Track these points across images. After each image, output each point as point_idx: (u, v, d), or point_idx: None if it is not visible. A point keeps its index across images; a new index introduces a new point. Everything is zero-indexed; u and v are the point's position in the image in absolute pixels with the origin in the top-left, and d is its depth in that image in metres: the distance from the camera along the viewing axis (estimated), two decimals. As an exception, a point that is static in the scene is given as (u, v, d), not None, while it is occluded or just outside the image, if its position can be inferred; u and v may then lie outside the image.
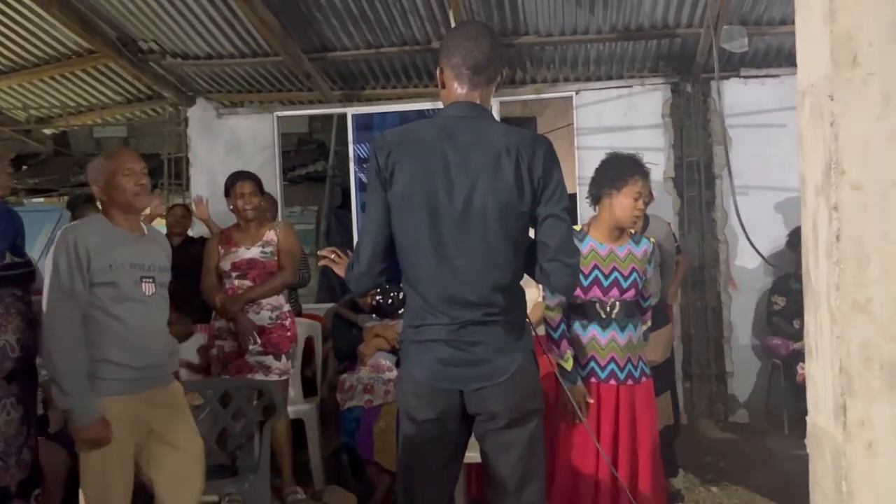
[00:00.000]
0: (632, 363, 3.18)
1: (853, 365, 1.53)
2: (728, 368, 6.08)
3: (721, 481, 4.59)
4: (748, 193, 5.55)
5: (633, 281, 3.17)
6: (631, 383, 3.18)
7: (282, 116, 6.69)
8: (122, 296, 2.80)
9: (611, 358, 3.17)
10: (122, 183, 2.86)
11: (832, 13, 1.53)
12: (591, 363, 3.18)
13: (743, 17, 5.19)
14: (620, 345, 3.16)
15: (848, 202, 1.53)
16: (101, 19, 5.36)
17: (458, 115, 2.30)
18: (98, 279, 2.75)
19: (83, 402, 2.69)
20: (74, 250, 2.71)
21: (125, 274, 2.81)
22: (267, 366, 4.12)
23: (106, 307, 2.77)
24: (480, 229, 2.22)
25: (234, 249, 4.20)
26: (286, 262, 4.22)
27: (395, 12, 5.17)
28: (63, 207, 7.78)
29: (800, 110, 1.73)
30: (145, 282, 2.88)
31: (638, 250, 3.22)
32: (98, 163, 2.94)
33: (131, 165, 2.89)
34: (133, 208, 2.93)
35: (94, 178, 2.90)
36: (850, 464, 1.54)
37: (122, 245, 2.85)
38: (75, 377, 2.69)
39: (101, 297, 2.76)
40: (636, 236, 3.28)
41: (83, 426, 2.69)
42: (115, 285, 2.78)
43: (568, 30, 5.49)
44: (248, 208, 4.20)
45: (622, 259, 3.19)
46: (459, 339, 2.27)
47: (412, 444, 2.38)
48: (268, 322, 4.16)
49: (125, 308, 2.80)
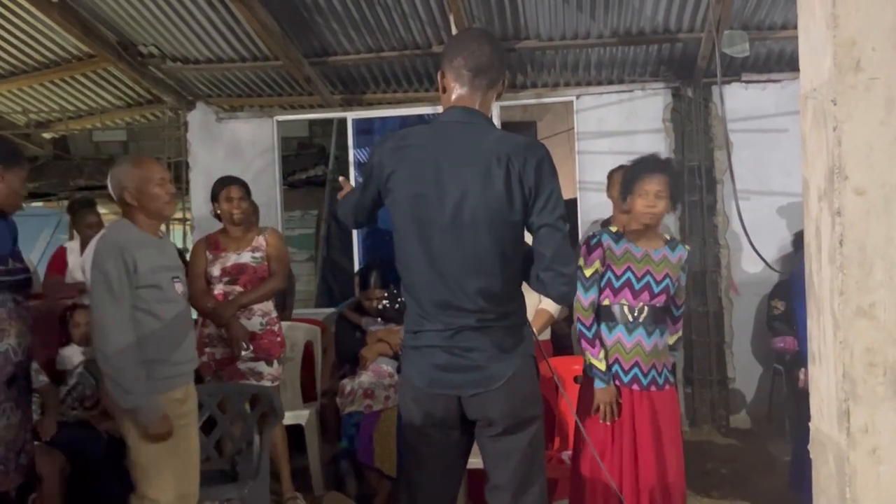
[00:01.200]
0: (656, 369, 3.14)
1: (857, 370, 1.52)
2: (730, 374, 6.06)
3: (723, 487, 4.58)
4: (750, 198, 5.55)
5: (664, 286, 3.14)
6: (654, 389, 3.13)
7: (282, 121, 6.69)
8: (164, 297, 2.90)
9: (634, 362, 3.14)
10: (156, 192, 2.94)
11: (835, 18, 1.52)
12: (615, 366, 3.16)
13: (744, 21, 5.18)
14: (645, 350, 3.13)
15: (851, 207, 1.52)
16: (102, 23, 5.36)
17: (454, 121, 2.29)
18: (143, 282, 2.83)
19: (148, 400, 2.79)
20: (121, 255, 2.79)
21: (163, 276, 2.92)
22: (259, 372, 4.09)
23: (151, 308, 2.86)
24: (470, 237, 2.22)
25: (222, 254, 4.17)
26: (276, 268, 4.19)
27: (395, 17, 5.17)
28: (62, 212, 7.79)
29: (803, 115, 1.72)
30: (176, 282, 2.99)
31: (673, 256, 3.19)
32: (126, 169, 2.96)
33: (163, 175, 2.99)
34: (163, 216, 3.05)
35: (124, 185, 2.93)
36: (854, 470, 1.53)
37: (153, 248, 2.94)
38: (137, 378, 2.78)
39: (147, 299, 2.85)
40: (672, 241, 3.23)
41: (150, 423, 2.79)
42: (159, 287, 2.88)
43: (569, 34, 5.48)
44: (236, 212, 4.18)
45: (657, 263, 3.16)
46: (455, 346, 2.27)
47: (413, 449, 2.38)
48: (258, 328, 4.13)
49: (166, 308, 2.91)
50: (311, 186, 8.47)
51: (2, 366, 2.79)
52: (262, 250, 4.18)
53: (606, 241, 3.17)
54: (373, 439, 4.19)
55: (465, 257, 2.23)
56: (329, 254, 8.02)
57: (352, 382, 4.47)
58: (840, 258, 1.53)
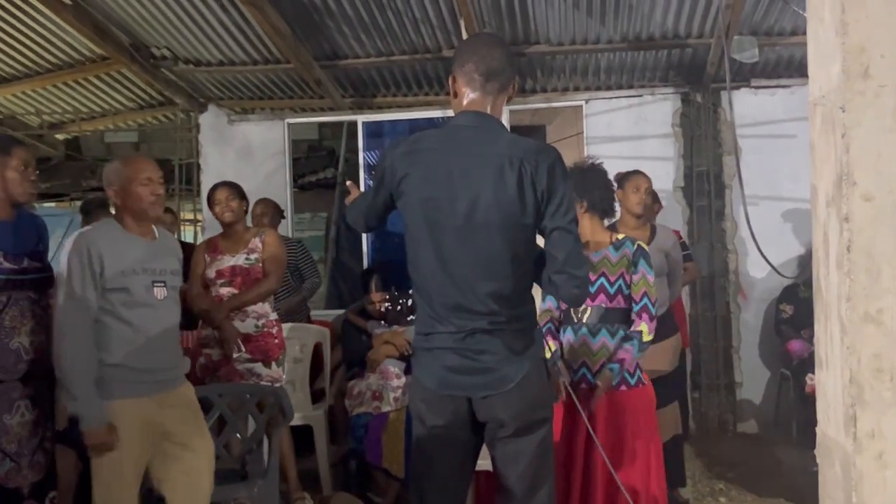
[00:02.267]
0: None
1: (864, 376, 1.53)
2: (737, 378, 6.06)
3: (730, 492, 4.58)
4: (758, 204, 5.54)
5: (598, 286, 3.16)
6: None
7: (292, 123, 6.72)
8: (133, 301, 2.84)
9: (582, 362, 3.15)
10: (139, 191, 2.90)
11: (844, 25, 1.53)
12: (581, 368, 3.17)
13: (754, 27, 5.19)
14: (591, 349, 3.13)
15: (859, 213, 1.53)
16: (115, 25, 5.40)
17: (465, 125, 2.31)
18: (110, 285, 2.78)
19: (90, 406, 2.73)
20: (87, 256, 2.75)
21: (137, 279, 2.85)
22: (257, 373, 4.08)
23: (118, 312, 2.81)
24: (482, 240, 2.23)
25: (219, 257, 4.18)
26: (271, 269, 4.17)
27: (406, 21, 5.20)
28: (74, 212, 7.82)
29: (811, 121, 1.73)
30: (157, 286, 2.91)
31: (615, 255, 3.20)
32: (115, 167, 2.96)
33: (149, 175, 2.93)
34: (147, 217, 2.96)
35: (110, 182, 2.93)
36: (861, 475, 1.54)
37: (134, 250, 2.89)
38: (84, 381, 2.72)
39: (113, 303, 2.80)
40: (618, 241, 3.23)
41: (90, 430, 2.73)
42: (127, 291, 2.82)
43: (578, 39, 5.50)
44: (227, 214, 4.19)
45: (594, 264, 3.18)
46: (466, 348, 2.28)
47: (423, 450, 2.40)
48: (253, 330, 4.12)
49: (136, 313, 2.84)
50: (321, 189, 8.50)
51: (13, 363, 2.80)
52: (258, 252, 4.18)
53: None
54: (381, 440, 4.22)
55: (477, 260, 2.24)
56: (339, 256, 8.05)
57: (360, 384, 4.49)
58: (848, 264, 1.54)
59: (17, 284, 2.82)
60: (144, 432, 2.85)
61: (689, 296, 5.92)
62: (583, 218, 3.18)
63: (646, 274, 3.16)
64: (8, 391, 2.80)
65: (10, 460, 2.80)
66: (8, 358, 2.79)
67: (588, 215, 3.20)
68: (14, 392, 2.80)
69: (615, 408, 3.12)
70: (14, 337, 2.79)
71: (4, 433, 2.79)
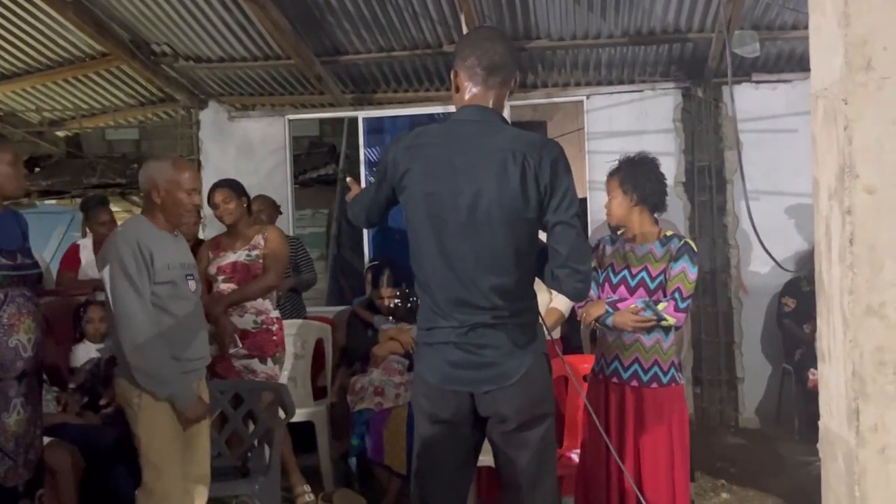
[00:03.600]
0: (640, 364, 3.12)
1: (866, 369, 1.53)
2: (739, 374, 6.06)
3: (732, 487, 4.57)
4: (759, 198, 5.53)
5: (639, 280, 3.16)
6: (635, 385, 3.11)
7: (293, 120, 6.71)
8: (178, 294, 2.93)
9: (615, 356, 3.15)
10: (182, 199, 2.97)
11: (846, 17, 1.52)
12: (613, 362, 3.17)
13: (755, 21, 5.18)
14: (625, 344, 3.12)
15: (861, 206, 1.52)
16: (115, 22, 5.40)
17: (468, 120, 2.30)
18: (159, 279, 2.86)
19: (182, 387, 2.86)
20: (139, 251, 2.81)
21: (177, 273, 2.94)
22: (253, 370, 4.08)
23: (165, 305, 2.88)
24: (484, 235, 2.23)
25: (221, 254, 4.20)
26: (270, 265, 4.16)
27: (406, 16, 5.19)
28: (75, 209, 7.83)
29: (813, 114, 1.72)
30: (189, 279, 3.01)
31: (660, 251, 3.18)
32: (162, 167, 2.98)
33: (195, 185, 3.02)
34: (181, 223, 3.07)
35: (156, 182, 2.95)
36: (864, 469, 1.53)
37: (169, 245, 2.96)
38: (168, 366, 2.83)
39: (162, 295, 2.87)
40: (665, 238, 3.21)
41: (188, 408, 2.87)
42: (174, 284, 2.91)
43: (579, 34, 5.49)
44: (224, 216, 4.20)
45: (639, 257, 3.19)
46: (468, 342, 2.28)
47: (425, 445, 2.39)
48: (252, 326, 4.12)
49: (180, 305, 2.94)
50: (322, 185, 8.49)
51: (12, 361, 2.80)
52: (259, 248, 4.17)
53: (602, 243, 3.25)
54: (383, 437, 4.21)
55: (480, 255, 2.24)
56: (340, 252, 8.05)
57: (362, 380, 4.48)
58: (850, 257, 1.53)
59: (13, 281, 2.83)
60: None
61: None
62: (632, 211, 3.15)
63: (687, 269, 3.10)
64: (5, 389, 2.81)
65: (8, 459, 2.80)
66: (7, 356, 2.79)
67: (638, 208, 3.15)
68: (10, 390, 2.81)
69: (647, 405, 3.10)
70: (13, 335, 2.80)
71: (3, 432, 2.79)
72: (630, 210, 3.15)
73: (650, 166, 3.20)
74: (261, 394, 3.85)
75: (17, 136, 7.53)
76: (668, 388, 3.12)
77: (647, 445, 3.09)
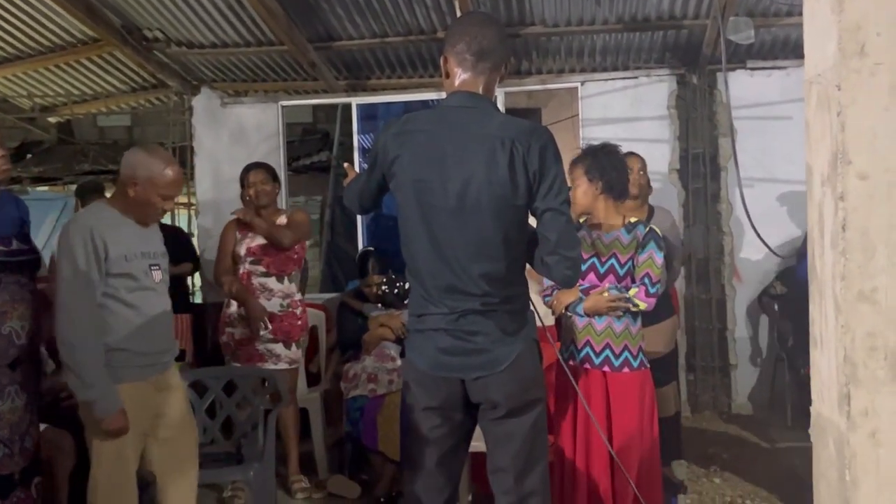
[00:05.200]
0: (611, 350, 3.15)
1: (858, 354, 1.53)
2: (732, 360, 6.08)
3: (724, 473, 4.60)
4: (753, 185, 5.54)
5: (608, 267, 3.19)
6: (608, 370, 3.15)
7: (286, 106, 6.67)
8: (136, 285, 2.85)
9: (586, 341, 3.18)
10: (155, 203, 2.88)
11: (840, 3, 1.52)
12: (584, 348, 3.20)
13: (749, 8, 5.17)
14: (596, 330, 3.15)
15: (854, 192, 1.53)
16: (107, 7, 5.36)
17: (457, 106, 2.30)
18: (114, 270, 2.78)
19: (106, 392, 2.72)
20: (91, 240, 2.73)
21: (137, 263, 2.86)
22: (277, 354, 4.18)
23: (121, 296, 2.81)
24: (474, 222, 2.23)
25: (249, 235, 4.30)
26: (292, 226, 4.30)
27: (400, 2, 5.16)
28: (67, 196, 7.80)
29: (807, 100, 1.72)
30: (153, 269, 2.93)
31: (626, 237, 3.21)
32: (149, 166, 2.85)
33: (173, 192, 2.92)
34: (143, 222, 2.94)
35: (134, 176, 2.84)
36: (854, 453, 1.54)
37: (132, 234, 2.89)
38: (96, 367, 2.72)
39: (117, 287, 2.80)
40: (630, 224, 3.24)
41: (107, 416, 2.72)
42: (131, 275, 2.83)
43: (574, 20, 5.47)
44: (259, 196, 4.33)
45: (606, 245, 3.22)
46: (459, 329, 2.28)
47: (416, 431, 2.40)
48: (279, 309, 4.23)
49: (138, 296, 2.85)
50: (316, 172, 8.46)
51: (4, 348, 2.77)
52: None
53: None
54: (376, 423, 4.22)
55: (470, 241, 2.24)
56: (333, 239, 8.04)
57: (355, 366, 4.49)
58: (842, 243, 1.54)
59: (7, 267, 2.80)
60: (141, 415, 2.86)
61: (683, 278, 5.92)
62: (597, 199, 3.20)
63: (654, 255, 3.17)
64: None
65: (3, 446, 2.79)
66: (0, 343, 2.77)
67: (603, 197, 3.20)
68: (4, 378, 2.78)
69: (616, 389, 3.15)
70: (6, 322, 2.77)
71: (-2, 420, 2.78)
72: (595, 198, 3.21)
73: (613, 155, 3.25)
74: (254, 380, 3.86)
75: (8, 122, 7.49)
76: (639, 372, 3.18)
77: (621, 428, 3.14)
